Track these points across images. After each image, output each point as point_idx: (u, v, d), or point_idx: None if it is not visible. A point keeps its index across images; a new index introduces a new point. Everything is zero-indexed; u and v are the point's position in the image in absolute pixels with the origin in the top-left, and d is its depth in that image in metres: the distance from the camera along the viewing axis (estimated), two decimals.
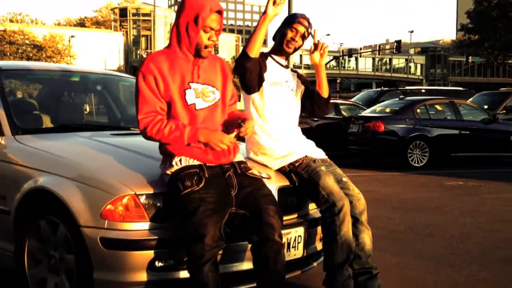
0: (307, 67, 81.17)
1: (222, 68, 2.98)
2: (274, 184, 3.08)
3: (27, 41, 50.32)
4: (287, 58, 3.53)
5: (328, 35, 71.21)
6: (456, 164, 11.88)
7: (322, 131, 13.01)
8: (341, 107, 14.30)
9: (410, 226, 5.77)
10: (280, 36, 3.37)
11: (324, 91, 3.46)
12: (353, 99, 18.30)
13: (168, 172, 2.75)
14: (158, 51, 2.88)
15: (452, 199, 7.69)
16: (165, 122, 2.73)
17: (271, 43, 3.57)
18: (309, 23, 3.35)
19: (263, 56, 3.35)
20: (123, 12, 64.85)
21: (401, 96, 13.47)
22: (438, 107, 12.48)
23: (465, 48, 48.22)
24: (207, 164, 2.76)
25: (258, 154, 3.35)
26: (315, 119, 13.63)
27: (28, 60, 47.56)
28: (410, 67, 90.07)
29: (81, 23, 79.19)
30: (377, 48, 57.42)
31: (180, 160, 2.75)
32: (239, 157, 2.94)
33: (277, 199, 2.94)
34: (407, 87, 21.11)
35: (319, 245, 3.35)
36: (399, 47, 47.63)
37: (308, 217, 3.27)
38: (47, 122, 3.80)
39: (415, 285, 3.80)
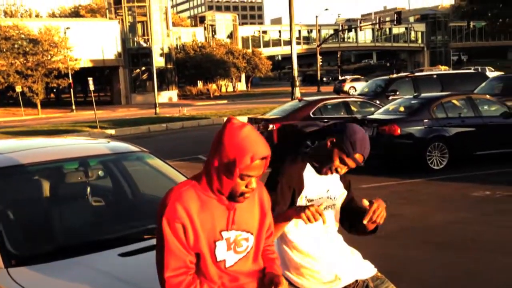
0: (306, 42, 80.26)
1: (260, 202, 2.44)
2: None
3: (22, 36, 49.40)
4: None
5: (326, 9, 70.01)
6: (477, 164, 11.30)
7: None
8: (351, 105, 13.77)
9: (444, 275, 5.30)
10: (327, 154, 2.79)
11: (370, 228, 2.93)
12: (360, 90, 17.73)
13: None
14: (184, 185, 2.28)
15: (483, 221, 7.24)
16: None
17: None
18: (365, 157, 2.76)
19: (301, 163, 2.84)
20: None
21: (415, 94, 12.85)
22: (455, 103, 11.88)
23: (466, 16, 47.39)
24: None
25: (293, 273, 2.86)
26: (325, 120, 13.10)
27: (25, 55, 46.63)
28: (410, 35, 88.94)
29: (76, 12, 77.81)
30: (377, 21, 56.44)
31: None
32: None
33: None
34: (416, 73, 20.44)
35: None
36: (399, 19, 46.57)
37: None
38: (46, 243, 3.21)
39: None
